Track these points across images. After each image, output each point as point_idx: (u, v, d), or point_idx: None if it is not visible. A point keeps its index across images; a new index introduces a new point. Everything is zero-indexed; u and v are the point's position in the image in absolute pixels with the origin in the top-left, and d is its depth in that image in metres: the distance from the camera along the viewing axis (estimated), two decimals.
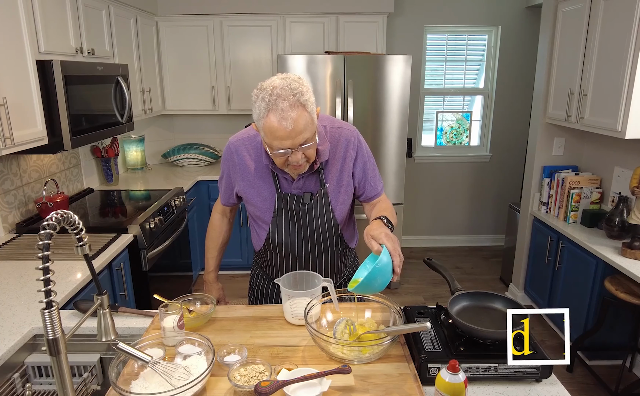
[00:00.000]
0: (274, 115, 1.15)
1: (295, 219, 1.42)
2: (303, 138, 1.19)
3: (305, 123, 1.17)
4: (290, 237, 1.44)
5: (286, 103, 1.14)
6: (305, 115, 1.17)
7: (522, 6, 4.07)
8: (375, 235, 1.19)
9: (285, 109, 1.14)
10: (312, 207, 1.40)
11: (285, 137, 1.17)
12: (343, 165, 1.41)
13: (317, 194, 1.39)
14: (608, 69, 2.46)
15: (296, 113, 1.15)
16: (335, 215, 1.43)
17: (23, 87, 1.99)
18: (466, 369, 1.08)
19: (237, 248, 3.78)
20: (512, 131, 4.36)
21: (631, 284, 2.30)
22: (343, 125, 1.43)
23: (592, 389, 2.54)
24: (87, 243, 0.92)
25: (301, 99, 1.16)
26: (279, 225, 1.43)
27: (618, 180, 2.81)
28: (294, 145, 1.19)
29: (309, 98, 1.20)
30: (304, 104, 1.17)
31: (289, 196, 1.39)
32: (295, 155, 1.21)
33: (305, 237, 1.44)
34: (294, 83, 1.18)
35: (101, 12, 2.75)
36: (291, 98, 1.15)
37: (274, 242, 1.46)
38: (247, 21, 3.69)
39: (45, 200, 2.43)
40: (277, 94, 1.15)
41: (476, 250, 4.55)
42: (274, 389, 0.97)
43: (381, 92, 3.28)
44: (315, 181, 1.40)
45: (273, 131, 1.16)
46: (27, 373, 1.38)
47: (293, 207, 1.40)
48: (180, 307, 1.24)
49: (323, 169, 1.39)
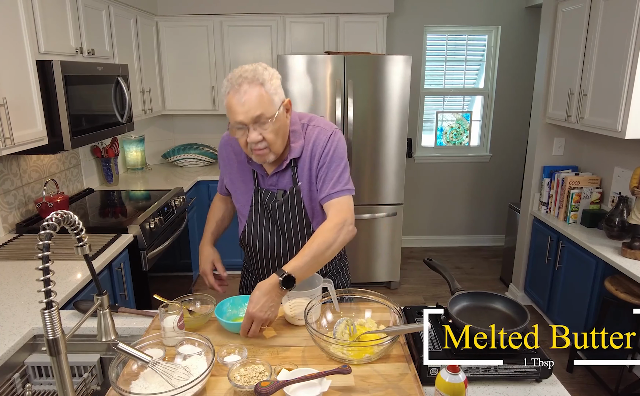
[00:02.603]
0: (233, 93, 1.22)
1: (269, 215, 1.45)
2: (256, 113, 1.21)
3: (259, 99, 1.21)
4: (264, 233, 1.47)
5: (244, 81, 1.21)
6: (261, 92, 1.21)
7: (522, 6, 4.07)
8: (251, 297, 1.19)
9: (243, 85, 1.20)
10: (282, 204, 1.41)
11: (240, 112, 1.21)
12: (312, 163, 1.38)
13: (289, 191, 1.40)
14: (608, 69, 2.46)
15: (251, 88, 1.20)
16: (307, 213, 1.43)
17: (23, 87, 1.99)
18: (466, 369, 1.08)
19: (237, 248, 3.76)
20: (512, 131, 4.36)
21: (631, 284, 2.30)
22: (323, 124, 1.40)
23: (592, 389, 2.54)
24: (87, 243, 0.92)
25: (260, 77, 1.21)
26: (254, 220, 1.47)
27: (618, 180, 2.81)
28: (247, 120, 1.21)
29: (270, 80, 1.23)
30: (261, 82, 1.21)
31: (263, 191, 1.43)
32: (252, 133, 1.24)
33: (278, 232, 1.46)
34: (259, 67, 1.23)
35: (101, 12, 2.75)
36: (250, 76, 1.21)
37: (250, 237, 1.49)
38: (247, 21, 3.69)
39: (45, 200, 2.43)
40: (239, 74, 1.22)
41: (476, 250, 4.55)
42: (274, 389, 0.97)
43: (381, 92, 3.28)
44: (289, 178, 1.41)
45: (231, 106, 1.22)
46: (27, 373, 1.38)
47: (266, 202, 1.43)
48: (180, 307, 1.24)
49: (296, 167, 1.39)
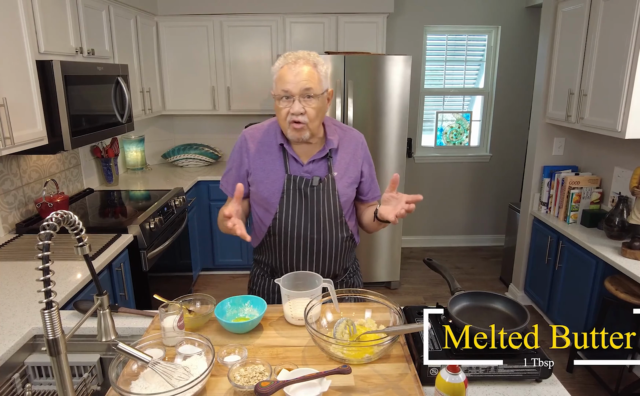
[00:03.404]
0: (287, 66, 1.33)
1: (303, 200, 1.45)
2: (305, 85, 1.31)
3: (310, 75, 1.32)
4: (297, 218, 1.46)
5: (301, 59, 1.34)
6: (314, 71, 1.33)
7: (522, 6, 4.07)
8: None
9: (298, 62, 1.33)
10: (319, 190, 1.44)
11: (290, 81, 1.31)
12: (351, 160, 1.49)
13: (325, 179, 1.45)
14: (608, 69, 2.46)
15: (305, 65, 1.32)
16: (340, 202, 1.47)
17: (23, 87, 1.99)
18: (466, 369, 1.08)
19: (237, 248, 3.78)
20: (512, 131, 4.36)
21: (631, 284, 2.30)
22: (352, 128, 1.57)
23: (592, 389, 2.54)
24: (87, 243, 0.92)
25: (314, 59, 1.35)
26: (286, 206, 1.46)
27: (618, 180, 2.81)
28: (295, 90, 1.31)
29: (322, 65, 1.36)
30: (315, 64, 1.34)
31: (297, 178, 1.44)
32: (295, 104, 1.32)
33: (312, 218, 1.46)
34: (314, 53, 1.37)
35: (101, 13, 2.75)
36: (306, 56, 1.35)
37: (281, 224, 1.47)
38: (247, 21, 3.69)
39: (45, 201, 2.43)
40: (295, 54, 1.35)
41: (476, 250, 4.55)
42: (274, 389, 0.97)
43: (381, 92, 3.28)
44: (324, 168, 1.46)
45: (282, 77, 1.33)
46: (27, 373, 1.38)
47: (302, 188, 1.44)
48: (180, 307, 1.24)
49: (332, 157, 1.46)
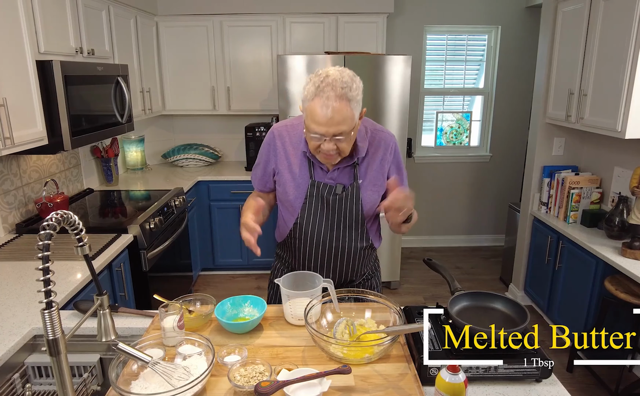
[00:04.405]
0: (318, 100, 1.22)
1: (325, 207, 1.44)
2: (338, 130, 1.25)
3: (344, 116, 1.23)
4: (317, 225, 1.46)
5: (332, 93, 1.21)
6: (347, 109, 1.23)
7: (522, 6, 4.07)
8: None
9: (330, 98, 1.21)
10: (343, 198, 1.43)
11: (323, 124, 1.23)
12: (379, 166, 1.46)
13: (350, 187, 1.43)
14: (608, 69, 2.46)
15: (339, 104, 1.21)
16: (364, 211, 1.46)
17: (23, 87, 1.99)
18: (466, 369, 1.08)
19: (237, 248, 3.77)
20: (512, 131, 4.36)
21: (631, 284, 2.30)
22: (383, 129, 1.50)
23: (592, 389, 2.54)
24: (87, 243, 0.92)
25: (348, 93, 1.23)
26: (307, 212, 1.45)
27: (618, 180, 2.81)
28: (327, 134, 1.25)
29: (356, 96, 1.25)
30: (349, 99, 1.23)
31: (321, 185, 1.43)
32: (327, 143, 1.27)
33: (333, 225, 1.46)
34: (347, 77, 1.25)
35: (101, 13, 2.75)
36: (339, 89, 1.22)
37: (302, 229, 1.47)
38: (247, 21, 3.69)
39: (45, 201, 2.43)
40: (327, 82, 1.22)
41: (476, 250, 4.55)
42: (274, 389, 0.97)
43: (381, 92, 3.28)
44: (350, 175, 1.44)
45: (314, 114, 1.24)
46: (27, 373, 1.38)
47: (325, 195, 1.43)
48: (180, 307, 1.24)
49: (359, 165, 1.44)
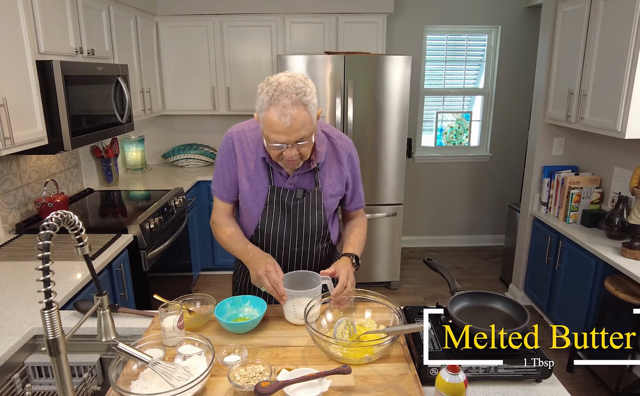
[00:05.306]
0: (274, 110, 1.19)
1: (286, 212, 1.45)
2: (299, 136, 1.23)
3: (303, 122, 1.21)
4: (279, 230, 1.47)
5: (288, 100, 1.18)
6: (305, 114, 1.21)
7: (522, 6, 4.06)
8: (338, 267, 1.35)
9: (287, 106, 1.18)
10: (304, 203, 1.44)
11: (282, 132, 1.21)
12: (337, 171, 1.46)
13: (310, 192, 1.43)
14: (608, 68, 2.46)
15: (296, 111, 1.19)
16: (326, 214, 1.47)
17: (23, 87, 1.99)
18: (466, 369, 1.08)
19: None
20: (512, 131, 4.36)
21: (631, 284, 2.30)
22: (342, 135, 1.51)
23: (592, 389, 2.54)
24: (87, 243, 0.92)
25: (303, 98, 1.21)
26: (268, 217, 1.46)
27: (618, 180, 2.81)
28: (289, 141, 1.23)
29: (312, 99, 1.23)
30: (305, 104, 1.21)
31: (281, 190, 1.42)
32: (289, 150, 1.26)
33: (294, 230, 1.47)
34: (299, 82, 1.22)
35: (101, 13, 2.75)
36: (294, 96, 1.19)
37: (263, 234, 1.48)
38: (247, 21, 3.69)
39: (45, 201, 2.42)
40: (281, 90, 1.19)
41: (476, 250, 4.55)
42: (274, 389, 0.97)
43: (381, 92, 3.28)
44: (310, 180, 1.44)
45: (272, 125, 1.21)
46: (27, 373, 1.38)
47: (285, 201, 1.43)
48: (180, 307, 1.24)
49: (319, 170, 1.43)
